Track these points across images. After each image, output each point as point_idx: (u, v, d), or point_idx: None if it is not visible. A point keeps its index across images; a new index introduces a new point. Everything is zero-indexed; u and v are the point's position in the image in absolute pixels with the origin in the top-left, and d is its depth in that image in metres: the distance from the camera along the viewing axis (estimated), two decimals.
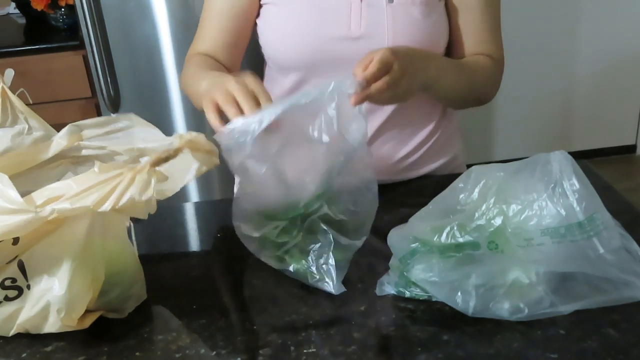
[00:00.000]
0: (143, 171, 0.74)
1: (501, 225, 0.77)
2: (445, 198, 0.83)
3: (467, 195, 0.81)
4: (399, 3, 1.05)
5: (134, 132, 0.90)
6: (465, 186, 0.81)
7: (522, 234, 0.77)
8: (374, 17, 1.06)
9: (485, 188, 0.80)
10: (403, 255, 0.81)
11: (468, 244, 0.77)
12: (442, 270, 0.78)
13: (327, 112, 0.85)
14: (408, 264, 0.80)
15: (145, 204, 0.76)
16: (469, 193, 0.80)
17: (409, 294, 0.83)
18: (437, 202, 0.83)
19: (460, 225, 0.78)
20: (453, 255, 0.78)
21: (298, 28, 1.08)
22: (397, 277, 0.84)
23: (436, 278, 0.78)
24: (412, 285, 0.83)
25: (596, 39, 2.98)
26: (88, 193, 0.72)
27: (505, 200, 0.78)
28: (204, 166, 0.81)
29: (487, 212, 0.78)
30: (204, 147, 0.82)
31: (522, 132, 3.09)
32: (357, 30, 1.06)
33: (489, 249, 0.78)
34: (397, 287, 0.84)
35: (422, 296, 0.83)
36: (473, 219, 0.78)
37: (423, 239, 0.79)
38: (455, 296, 0.78)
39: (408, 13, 1.05)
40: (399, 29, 1.05)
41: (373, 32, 1.06)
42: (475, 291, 0.77)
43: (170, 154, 0.77)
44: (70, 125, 0.91)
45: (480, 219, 0.78)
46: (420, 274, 0.80)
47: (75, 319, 0.79)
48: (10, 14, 2.56)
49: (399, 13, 1.05)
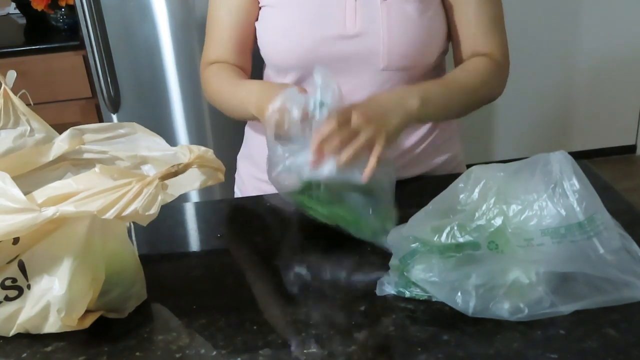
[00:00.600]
0: (151, 184, 0.74)
1: (501, 226, 0.77)
2: (445, 198, 0.83)
3: (467, 196, 0.81)
4: (394, 1, 1.05)
5: (137, 139, 0.91)
6: (465, 186, 0.81)
7: (522, 234, 0.77)
8: (369, 14, 1.05)
9: (486, 188, 0.80)
10: (403, 255, 0.81)
11: (468, 244, 0.77)
12: (442, 270, 0.78)
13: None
14: (408, 264, 0.80)
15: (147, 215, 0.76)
16: (469, 193, 0.81)
17: (409, 294, 0.83)
18: (437, 202, 0.83)
19: (461, 226, 0.78)
20: (453, 255, 0.78)
21: (293, 28, 1.08)
22: (397, 277, 0.84)
23: (436, 278, 0.79)
24: (412, 285, 0.83)
25: (596, 38, 2.98)
26: (95, 198, 0.72)
27: (506, 200, 0.78)
28: (210, 180, 0.82)
29: (487, 212, 0.78)
30: (212, 163, 0.83)
31: (522, 132, 3.09)
32: (353, 29, 1.06)
33: (489, 249, 0.78)
34: (397, 287, 0.84)
35: (422, 296, 0.83)
36: (473, 219, 0.78)
37: (423, 239, 0.79)
38: (455, 296, 0.78)
39: (403, 10, 1.05)
40: (394, 26, 1.05)
41: (368, 30, 1.06)
42: (475, 291, 0.77)
43: (179, 169, 0.78)
44: (72, 128, 0.91)
45: (480, 219, 0.78)
46: (420, 274, 0.80)
47: (75, 319, 0.79)
48: (11, 14, 2.56)
49: (393, 10, 1.05)
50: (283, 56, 1.11)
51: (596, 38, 2.98)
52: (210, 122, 2.17)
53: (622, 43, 3.01)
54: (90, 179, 0.74)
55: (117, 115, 2.11)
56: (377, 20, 1.05)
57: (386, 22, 1.05)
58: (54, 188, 0.73)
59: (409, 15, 1.05)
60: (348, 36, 1.06)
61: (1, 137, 0.91)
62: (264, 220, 1.08)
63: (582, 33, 2.97)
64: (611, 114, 3.15)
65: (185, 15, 2.00)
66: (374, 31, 1.05)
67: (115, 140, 0.92)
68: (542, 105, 3.06)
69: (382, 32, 1.05)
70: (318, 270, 0.94)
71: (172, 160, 0.84)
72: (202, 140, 2.18)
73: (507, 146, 3.10)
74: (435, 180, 1.17)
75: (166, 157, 0.88)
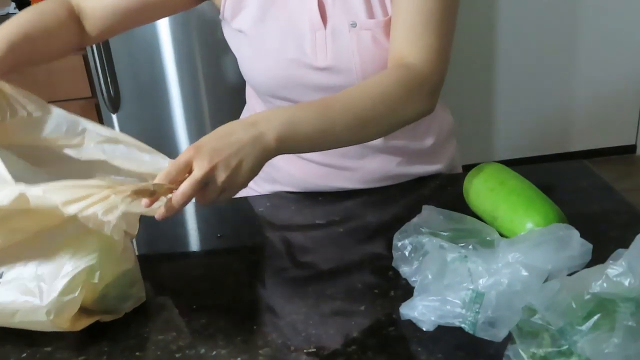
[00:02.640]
0: (121, 194, 0.74)
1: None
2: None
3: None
4: (362, 27, 1.01)
5: (141, 154, 0.90)
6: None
7: None
8: (339, 45, 1.02)
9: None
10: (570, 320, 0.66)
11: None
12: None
13: None
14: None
15: (117, 227, 0.75)
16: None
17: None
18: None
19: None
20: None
21: (268, 56, 1.05)
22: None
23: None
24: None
25: (596, 39, 2.98)
26: (65, 190, 0.73)
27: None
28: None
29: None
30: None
31: (522, 132, 3.09)
32: (324, 61, 1.03)
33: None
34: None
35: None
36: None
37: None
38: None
39: (373, 37, 1.01)
40: (365, 54, 1.01)
41: (340, 62, 1.02)
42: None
43: (158, 190, 0.77)
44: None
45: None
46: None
47: (66, 320, 0.78)
48: (10, 14, 2.55)
49: (363, 38, 1.01)
50: (259, 83, 1.08)
51: (596, 38, 2.98)
52: (210, 122, 2.17)
53: (623, 43, 3.01)
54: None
55: (117, 115, 2.12)
56: (348, 51, 1.01)
57: (357, 51, 1.01)
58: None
59: (378, 42, 1.01)
60: (320, 68, 1.03)
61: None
62: (264, 220, 1.08)
63: (582, 33, 2.97)
64: (611, 114, 3.15)
65: (185, 15, 2.00)
66: (346, 63, 1.02)
67: (118, 146, 0.92)
68: (542, 105, 3.06)
69: (354, 63, 1.02)
70: (318, 270, 0.94)
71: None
72: None
73: (507, 146, 3.10)
74: (434, 180, 1.16)
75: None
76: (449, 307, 0.75)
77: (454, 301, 0.75)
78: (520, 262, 0.74)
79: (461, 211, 0.91)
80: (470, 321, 0.74)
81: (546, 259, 0.74)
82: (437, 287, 0.77)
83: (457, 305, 0.75)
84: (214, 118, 2.15)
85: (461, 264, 0.77)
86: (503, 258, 0.75)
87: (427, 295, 0.77)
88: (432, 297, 0.76)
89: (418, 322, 0.77)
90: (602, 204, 1.03)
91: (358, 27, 1.00)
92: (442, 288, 0.77)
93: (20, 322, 0.79)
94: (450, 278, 0.76)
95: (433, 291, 0.77)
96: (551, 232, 0.78)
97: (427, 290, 0.77)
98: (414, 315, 0.77)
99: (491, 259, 0.76)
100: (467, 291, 0.74)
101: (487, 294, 0.73)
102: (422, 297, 0.77)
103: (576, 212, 0.92)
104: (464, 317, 0.75)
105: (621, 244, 0.72)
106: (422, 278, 0.79)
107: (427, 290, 0.78)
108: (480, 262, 0.76)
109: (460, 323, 0.75)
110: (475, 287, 0.74)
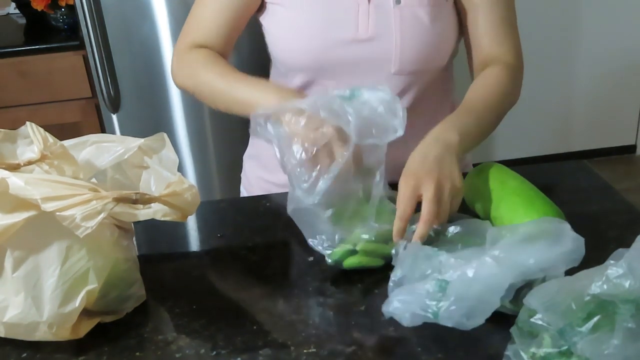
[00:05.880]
0: (102, 200, 0.72)
1: None
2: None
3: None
4: (406, 5, 1.04)
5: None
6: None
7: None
8: (382, 19, 1.05)
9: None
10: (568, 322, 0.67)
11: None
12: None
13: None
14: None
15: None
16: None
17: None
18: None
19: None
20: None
21: (306, 30, 1.07)
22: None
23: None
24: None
25: (596, 39, 2.98)
26: (47, 185, 0.71)
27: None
28: (170, 217, 0.81)
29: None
30: (183, 204, 0.81)
31: (522, 132, 3.09)
32: (365, 33, 1.05)
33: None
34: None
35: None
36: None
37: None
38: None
39: (415, 15, 1.04)
40: (407, 31, 1.05)
41: (381, 35, 1.05)
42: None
43: (140, 198, 0.76)
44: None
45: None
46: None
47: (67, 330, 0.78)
48: (10, 14, 2.55)
49: (406, 15, 1.04)
50: (293, 57, 1.10)
51: (596, 39, 2.98)
52: (210, 122, 2.17)
53: (623, 44, 3.01)
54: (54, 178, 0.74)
55: (117, 115, 2.11)
56: (390, 25, 1.05)
57: (399, 27, 1.04)
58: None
59: (421, 20, 1.05)
60: (360, 40, 1.05)
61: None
62: (264, 220, 1.08)
63: (582, 34, 2.97)
64: (611, 114, 3.15)
65: (185, 15, 1.98)
66: (387, 36, 1.05)
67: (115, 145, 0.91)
68: (542, 105, 3.06)
69: (394, 37, 1.05)
70: (318, 270, 0.93)
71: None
72: (202, 140, 2.18)
73: (507, 146, 3.10)
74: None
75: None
76: (418, 298, 0.75)
77: (421, 292, 0.75)
78: (491, 255, 0.74)
79: (461, 211, 0.91)
80: (433, 310, 0.74)
81: (529, 253, 0.74)
82: (410, 282, 0.77)
83: (424, 296, 0.74)
84: (214, 118, 2.15)
85: (434, 257, 0.77)
86: (481, 251, 0.76)
87: (400, 291, 0.77)
88: (405, 291, 0.76)
89: (399, 318, 0.76)
90: (601, 204, 1.03)
91: (403, 4, 1.04)
92: (414, 281, 0.77)
93: (24, 335, 0.79)
94: (422, 271, 0.77)
95: (406, 286, 0.77)
96: (540, 226, 0.79)
97: (401, 285, 0.78)
98: (391, 311, 0.76)
99: (473, 254, 0.76)
100: (434, 281, 0.75)
101: (451, 283, 0.74)
102: (395, 292, 0.77)
103: (576, 212, 0.92)
104: (430, 307, 0.74)
105: (621, 244, 0.72)
106: (396, 274, 0.79)
107: (400, 285, 0.78)
108: (453, 255, 0.76)
109: (425, 313, 0.74)
110: (442, 277, 0.74)
